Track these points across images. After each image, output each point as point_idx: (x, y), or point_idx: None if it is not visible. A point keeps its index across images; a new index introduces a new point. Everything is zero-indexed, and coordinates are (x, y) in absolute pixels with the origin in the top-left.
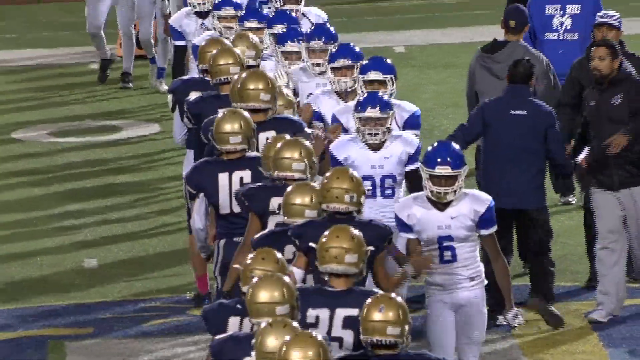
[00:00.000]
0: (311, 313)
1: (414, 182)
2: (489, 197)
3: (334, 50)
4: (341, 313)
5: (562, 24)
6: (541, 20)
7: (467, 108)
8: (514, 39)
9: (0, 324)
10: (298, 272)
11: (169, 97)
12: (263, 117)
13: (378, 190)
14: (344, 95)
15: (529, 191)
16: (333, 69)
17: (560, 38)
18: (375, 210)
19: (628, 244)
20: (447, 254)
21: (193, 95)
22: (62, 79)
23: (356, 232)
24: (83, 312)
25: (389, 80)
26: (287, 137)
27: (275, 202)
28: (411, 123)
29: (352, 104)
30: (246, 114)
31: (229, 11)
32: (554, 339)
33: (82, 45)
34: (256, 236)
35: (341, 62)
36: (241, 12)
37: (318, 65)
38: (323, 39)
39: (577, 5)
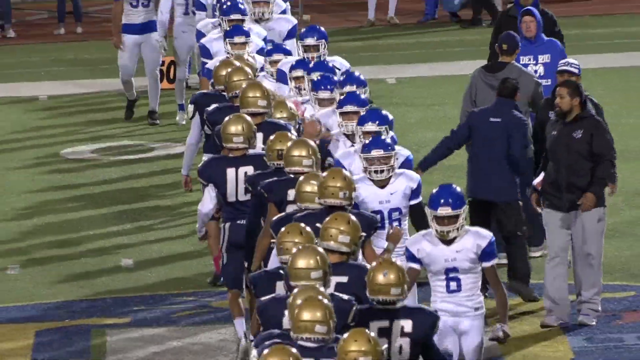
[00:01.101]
0: None
1: (416, 215)
2: (490, 233)
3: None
4: (334, 280)
5: (536, 71)
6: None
7: (461, 115)
8: (509, 60)
9: (51, 314)
10: None
11: (190, 107)
12: (259, 120)
13: (386, 222)
14: (351, 137)
15: (502, 187)
16: (341, 113)
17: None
18: (383, 239)
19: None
20: (453, 284)
21: (212, 106)
22: (103, 105)
23: (353, 218)
24: (121, 305)
25: (384, 130)
26: (294, 136)
27: (291, 193)
28: (407, 166)
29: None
30: (248, 118)
31: (240, 39)
32: (521, 327)
33: (115, 78)
34: (273, 219)
35: (349, 108)
36: (249, 40)
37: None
38: (355, 84)
39: (547, 55)
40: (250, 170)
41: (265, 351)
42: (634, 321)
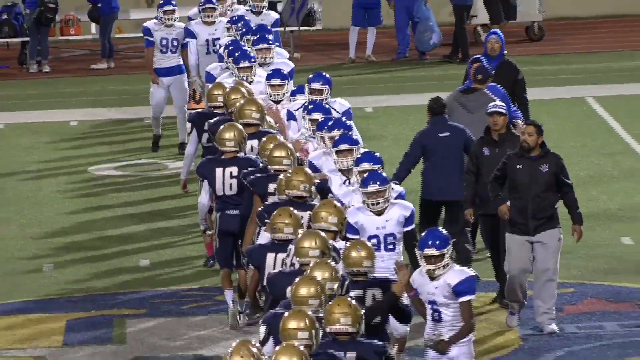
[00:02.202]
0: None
1: (409, 241)
2: (470, 272)
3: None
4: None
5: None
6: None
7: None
8: (480, 87)
9: (79, 306)
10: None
11: (188, 124)
12: (253, 130)
13: (382, 245)
14: (346, 173)
15: (451, 186)
16: (337, 152)
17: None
18: (381, 261)
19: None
20: (435, 315)
21: (214, 119)
22: (126, 130)
23: (337, 203)
24: (138, 298)
25: (378, 168)
26: (278, 139)
27: (271, 186)
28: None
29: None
30: (240, 126)
31: (245, 64)
32: (477, 317)
33: (135, 106)
34: (259, 208)
35: (342, 147)
36: (255, 65)
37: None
38: (342, 129)
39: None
40: (235, 170)
41: (277, 348)
42: (573, 313)
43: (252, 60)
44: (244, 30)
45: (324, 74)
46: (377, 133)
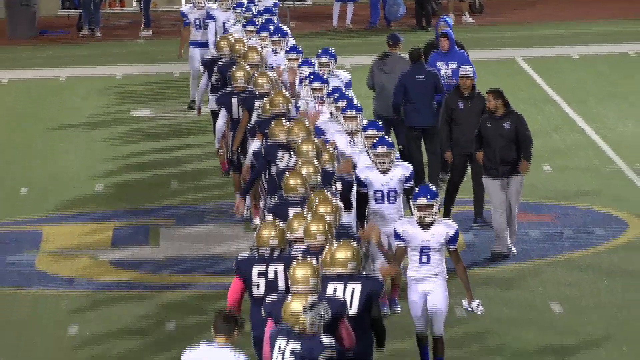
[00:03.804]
0: None
1: (408, 194)
2: (456, 225)
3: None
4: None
5: (446, 74)
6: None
7: (372, 91)
8: (394, 51)
9: (123, 217)
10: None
11: (201, 67)
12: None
13: (385, 198)
14: (352, 135)
15: (429, 114)
16: (344, 117)
17: (447, 82)
18: (384, 211)
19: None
20: (424, 259)
21: (222, 60)
22: (158, 81)
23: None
24: (168, 212)
25: (382, 134)
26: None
27: (256, 104)
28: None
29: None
30: (248, 67)
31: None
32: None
33: (167, 63)
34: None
35: (349, 113)
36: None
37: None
38: (345, 101)
39: (455, 63)
40: (235, 100)
41: (294, 264)
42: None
43: (324, 82)
44: (246, 13)
45: (330, 49)
46: (355, 85)
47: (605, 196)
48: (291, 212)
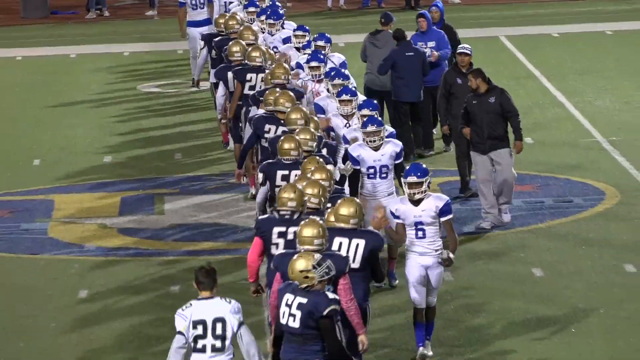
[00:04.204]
0: None
1: (398, 170)
2: (447, 197)
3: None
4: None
5: (426, 50)
6: None
7: (365, 64)
8: (385, 29)
9: (130, 187)
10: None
11: (201, 42)
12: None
13: (377, 174)
14: (346, 117)
15: (416, 90)
16: (339, 100)
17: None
18: (376, 186)
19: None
20: (420, 233)
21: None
22: (163, 58)
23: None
24: (173, 181)
25: (375, 114)
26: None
27: (248, 76)
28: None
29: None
30: (243, 43)
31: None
32: None
33: (171, 41)
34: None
35: (344, 97)
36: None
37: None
38: (342, 78)
39: (433, 42)
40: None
41: (302, 223)
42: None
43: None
44: None
45: (325, 34)
46: (349, 62)
47: (584, 167)
48: (279, 173)
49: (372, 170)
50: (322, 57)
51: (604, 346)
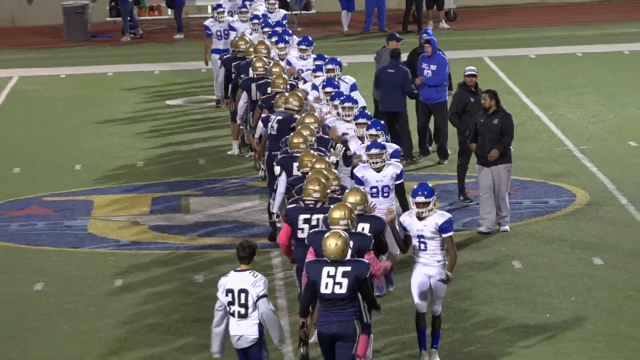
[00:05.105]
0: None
1: (399, 191)
2: (449, 215)
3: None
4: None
5: (428, 73)
6: (420, 71)
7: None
8: (389, 47)
9: (159, 189)
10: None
11: (218, 61)
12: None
13: (380, 194)
14: (361, 138)
15: (395, 102)
16: (357, 124)
17: (428, 83)
18: (378, 205)
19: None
20: (422, 246)
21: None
22: (190, 76)
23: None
24: (197, 184)
25: (381, 134)
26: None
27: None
28: (396, 155)
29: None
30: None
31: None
32: None
33: (196, 61)
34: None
35: (361, 120)
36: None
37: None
38: (351, 102)
39: (435, 65)
40: (254, 86)
41: (332, 206)
42: (473, 195)
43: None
44: (263, 24)
45: (336, 58)
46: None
47: (558, 172)
48: (295, 165)
49: (374, 190)
50: (336, 83)
51: (576, 329)
